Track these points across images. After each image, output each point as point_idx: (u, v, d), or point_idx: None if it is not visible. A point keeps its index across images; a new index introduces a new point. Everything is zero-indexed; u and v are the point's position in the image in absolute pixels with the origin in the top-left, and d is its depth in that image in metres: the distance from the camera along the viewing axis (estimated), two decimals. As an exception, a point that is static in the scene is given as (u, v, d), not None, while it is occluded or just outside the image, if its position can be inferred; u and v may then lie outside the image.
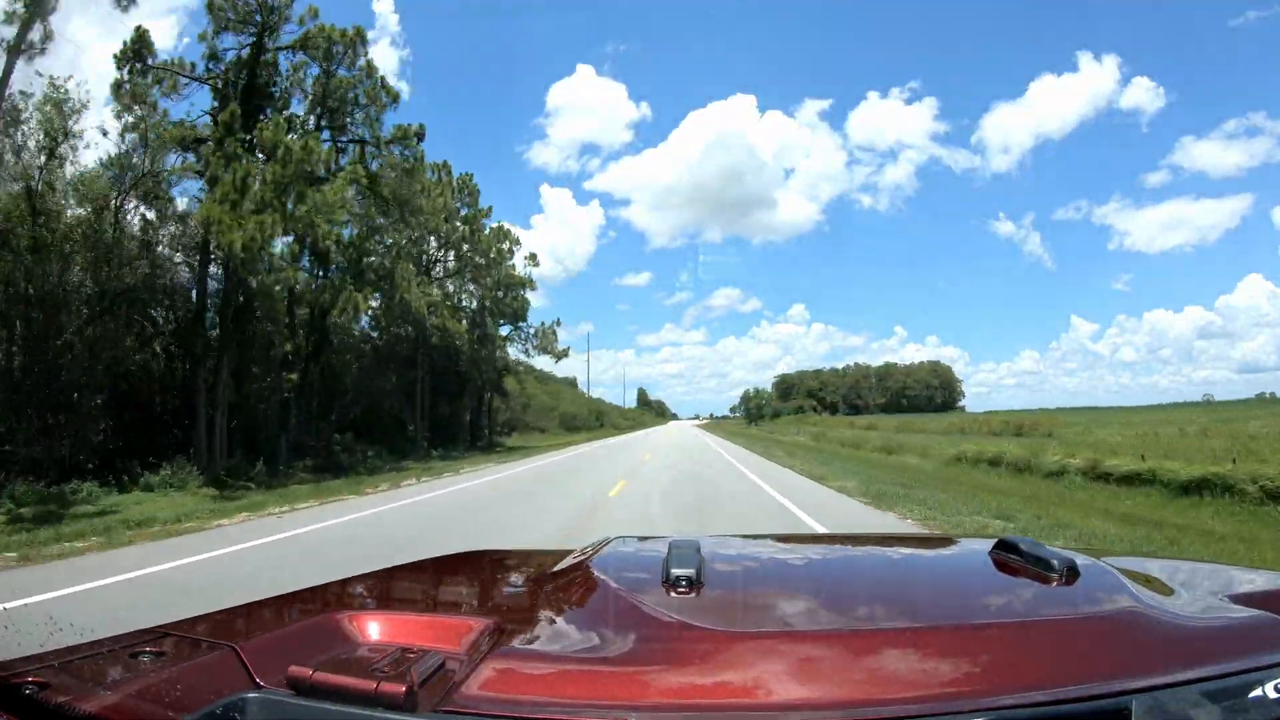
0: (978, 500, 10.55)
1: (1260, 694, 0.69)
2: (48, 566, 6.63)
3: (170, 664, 0.83)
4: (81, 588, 5.52)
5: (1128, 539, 7.43)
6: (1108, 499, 11.51)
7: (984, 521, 8.54)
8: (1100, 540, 7.06)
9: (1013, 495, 11.48)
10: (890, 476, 14.69)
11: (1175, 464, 11.99)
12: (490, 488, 14.49)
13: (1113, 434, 22.91)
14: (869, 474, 15.17)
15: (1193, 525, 8.64)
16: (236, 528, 9.19)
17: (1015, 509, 9.48)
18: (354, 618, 0.93)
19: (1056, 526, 8.01)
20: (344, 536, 8.47)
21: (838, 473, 15.56)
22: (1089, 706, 0.68)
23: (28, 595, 5.07)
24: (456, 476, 17.40)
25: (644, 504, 10.90)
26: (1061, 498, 11.63)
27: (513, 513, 10.52)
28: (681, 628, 0.87)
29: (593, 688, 0.73)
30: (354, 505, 11.68)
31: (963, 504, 10.09)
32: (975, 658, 0.79)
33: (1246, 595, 1.06)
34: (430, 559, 1.55)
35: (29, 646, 0.97)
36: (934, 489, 12.21)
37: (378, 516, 10.34)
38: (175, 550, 7.32)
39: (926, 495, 11.05)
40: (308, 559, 7.04)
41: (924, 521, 8.58)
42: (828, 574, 1.37)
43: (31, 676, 0.77)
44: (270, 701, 0.66)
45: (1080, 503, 11.07)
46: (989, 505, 9.87)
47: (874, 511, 9.59)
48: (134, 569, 6.24)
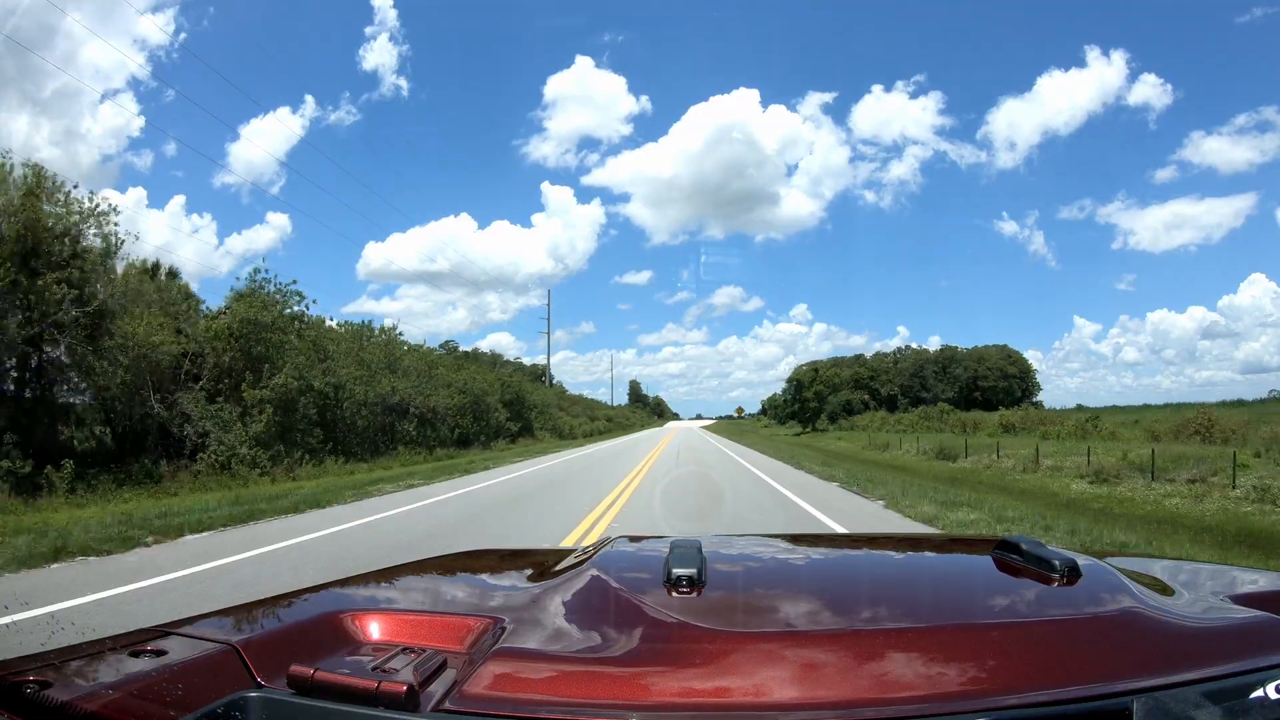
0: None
1: (1261, 695, 0.69)
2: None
3: (171, 663, 0.83)
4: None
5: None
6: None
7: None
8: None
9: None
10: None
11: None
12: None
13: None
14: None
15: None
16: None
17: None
18: (355, 617, 0.93)
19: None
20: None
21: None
22: (1090, 707, 0.68)
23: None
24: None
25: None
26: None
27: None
28: (683, 628, 0.86)
29: (594, 687, 0.73)
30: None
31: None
32: (976, 658, 0.79)
33: (1248, 596, 1.06)
34: (432, 558, 1.55)
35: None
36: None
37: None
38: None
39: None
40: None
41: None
42: (829, 574, 1.36)
43: (33, 675, 0.77)
44: (271, 701, 0.66)
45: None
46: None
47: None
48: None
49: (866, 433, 45.51)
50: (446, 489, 13.96)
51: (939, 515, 9.27)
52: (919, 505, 10.19)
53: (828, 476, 15.53)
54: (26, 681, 0.75)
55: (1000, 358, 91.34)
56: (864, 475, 15.43)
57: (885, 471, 17.45)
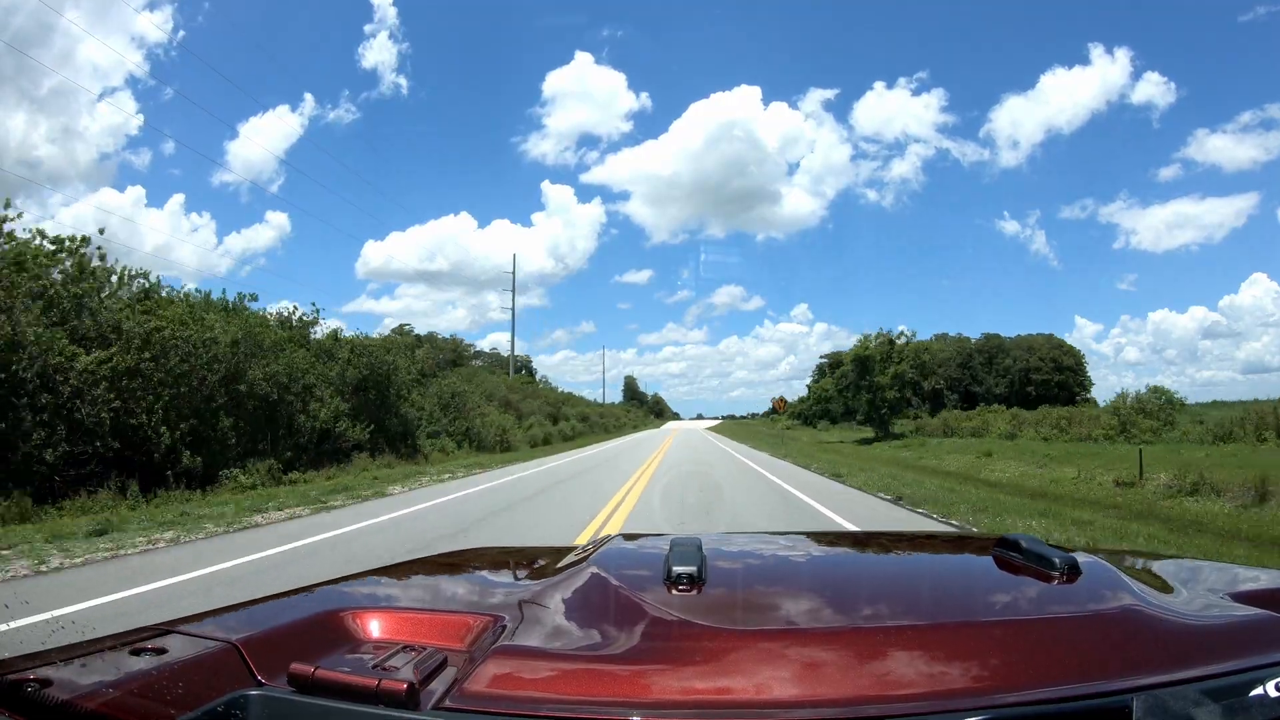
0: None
1: (1261, 693, 0.69)
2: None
3: (172, 661, 0.83)
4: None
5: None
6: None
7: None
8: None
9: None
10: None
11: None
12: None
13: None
14: None
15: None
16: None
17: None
18: (356, 615, 0.93)
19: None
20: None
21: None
22: (1090, 704, 0.68)
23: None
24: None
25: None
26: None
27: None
28: (683, 625, 0.86)
29: (594, 685, 0.73)
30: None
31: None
32: (976, 656, 0.79)
33: (1248, 594, 1.06)
34: (432, 556, 1.56)
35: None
36: None
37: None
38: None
39: None
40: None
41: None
42: (829, 572, 1.37)
43: (33, 674, 0.77)
44: (272, 699, 0.66)
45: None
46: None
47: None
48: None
49: (984, 440, 29.07)
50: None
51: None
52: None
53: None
54: (27, 680, 0.76)
55: (1050, 348, 77.82)
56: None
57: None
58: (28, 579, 5.93)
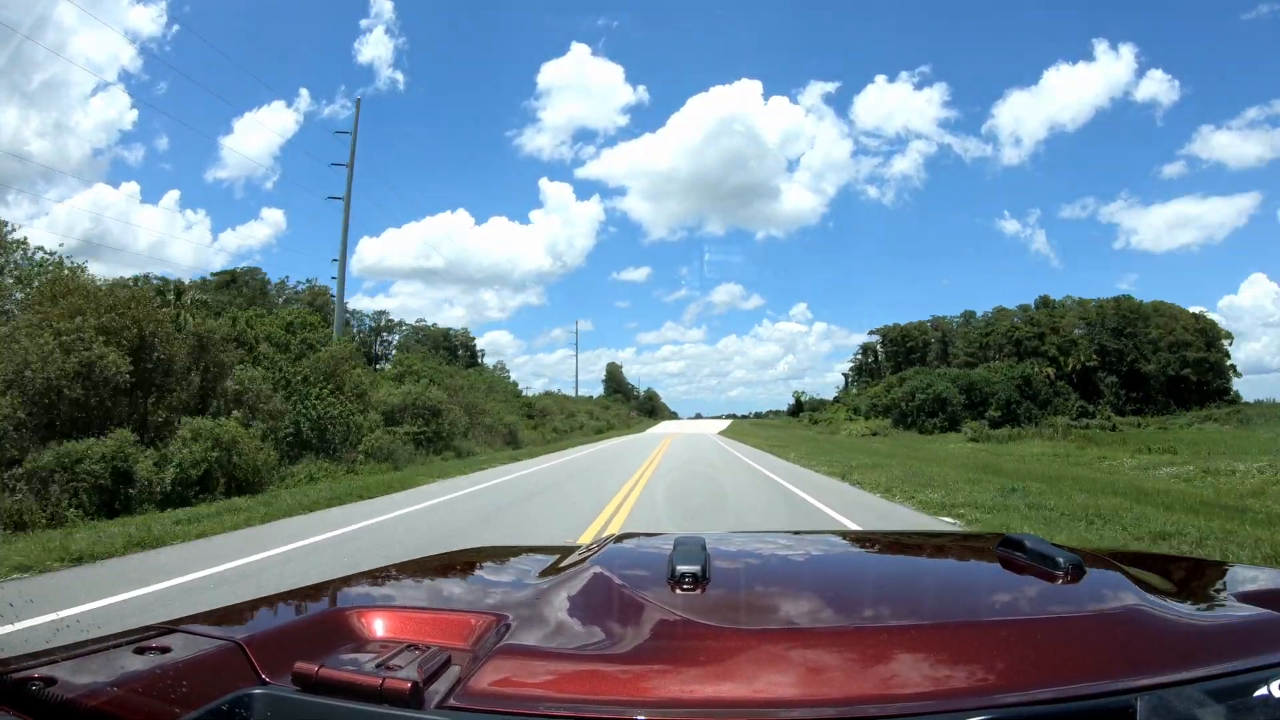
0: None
1: (1265, 693, 0.69)
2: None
3: (176, 659, 0.83)
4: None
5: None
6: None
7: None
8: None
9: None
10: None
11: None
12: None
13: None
14: None
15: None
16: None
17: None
18: (360, 614, 0.93)
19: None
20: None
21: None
22: (1093, 704, 0.68)
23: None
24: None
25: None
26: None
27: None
28: (687, 625, 0.86)
29: (598, 685, 0.73)
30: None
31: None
32: (980, 656, 0.79)
33: (1252, 594, 1.06)
34: (435, 556, 1.56)
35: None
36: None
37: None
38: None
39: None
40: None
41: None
42: (833, 571, 1.37)
43: (38, 673, 0.77)
44: (276, 698, 0.66)
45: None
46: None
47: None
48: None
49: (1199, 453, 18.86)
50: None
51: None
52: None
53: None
54: (31, 679, 0.76)
55: (1189, 319, 56.57)
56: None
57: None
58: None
